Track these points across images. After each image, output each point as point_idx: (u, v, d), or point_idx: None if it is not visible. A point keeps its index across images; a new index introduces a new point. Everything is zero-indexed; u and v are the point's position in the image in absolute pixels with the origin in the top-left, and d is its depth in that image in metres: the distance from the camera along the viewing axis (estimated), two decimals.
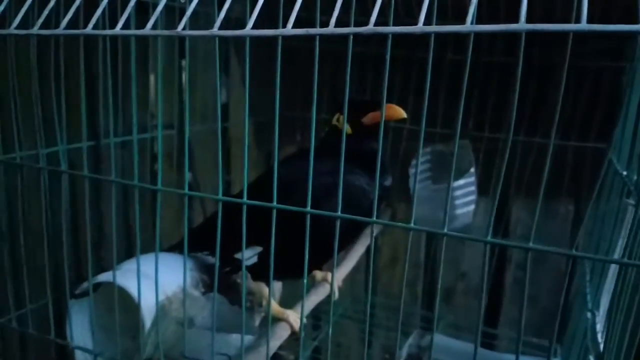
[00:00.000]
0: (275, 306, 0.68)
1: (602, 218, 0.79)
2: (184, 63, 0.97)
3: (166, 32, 0.39)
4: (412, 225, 0.42)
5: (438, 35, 0.35)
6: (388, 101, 0.66)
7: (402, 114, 0.65)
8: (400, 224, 0.44)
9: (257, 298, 0.80)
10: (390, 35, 0.35)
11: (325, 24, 0.37)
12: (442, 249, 1.16)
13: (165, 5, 0.45)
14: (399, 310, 1.19)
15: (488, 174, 0.99)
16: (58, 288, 0.66)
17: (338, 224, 0.45)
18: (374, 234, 0.94)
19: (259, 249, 0.66)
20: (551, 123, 0.96)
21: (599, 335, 0.67)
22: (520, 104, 0.98)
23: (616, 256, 0.66)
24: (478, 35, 0.35)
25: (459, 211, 0.90)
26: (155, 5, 0.43)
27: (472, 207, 0.92)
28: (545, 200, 1.01)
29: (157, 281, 0.54)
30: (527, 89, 0.94)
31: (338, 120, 0.70)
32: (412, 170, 0.96)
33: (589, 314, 0.71)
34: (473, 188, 0.93)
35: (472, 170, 0.91)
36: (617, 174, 0.76)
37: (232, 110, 1.12)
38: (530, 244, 0.38)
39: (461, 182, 0.89)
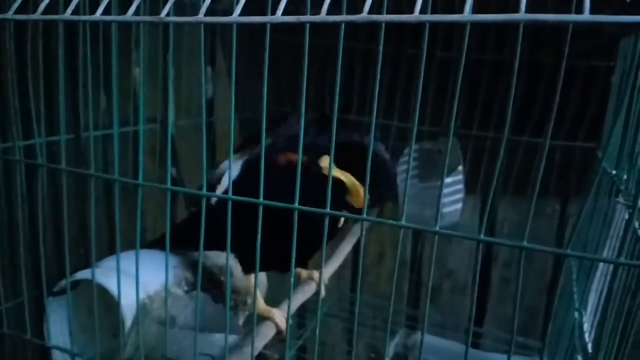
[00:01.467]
0: (261, 304, 0.66)
1: (589, 217, 0.79)
2: (168, 56, 0.95)
3: (148, 18, 0.37)
4: (402, 222, 0.40)
5: (428, 31, 0.34)
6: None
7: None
8: (390, 221, 0.42)
9: (241, 296, 0.79)
10: (383, 25, 0.34)
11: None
12: (429, 247, 1.16)
13: None
14: (384, 308, 1.18)
15: (475, 172, 0.99)
16: (38, 285, 0.63)
17: (327, 220, 0.44)
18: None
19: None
20: (540, 122, 0.96)
21: (587, 335, 0.66)
22: (507, 102, 0.98)
23: (604, 255, 0.66)
24: (469, 31, 0.34)
25: (446, 209, 0.89)
26: None
27: (459, 205, 0.91)
28: (531, 199, 1.02)
29: (138, 279, 0.52)
30: (516, 87, 0.93)
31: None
32: (399, 168, 0.95)
33: (576, 313, 0.70)
34: (461, 186, 0.92)
35: (460, 168, 0.90)
36: (605, 172, 0.76)
37: (218, 105, 1.10)
38: (524, 243, 0.36)
39: (449, 180, 0.88)
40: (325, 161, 0.63)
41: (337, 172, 0.63)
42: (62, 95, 0.52)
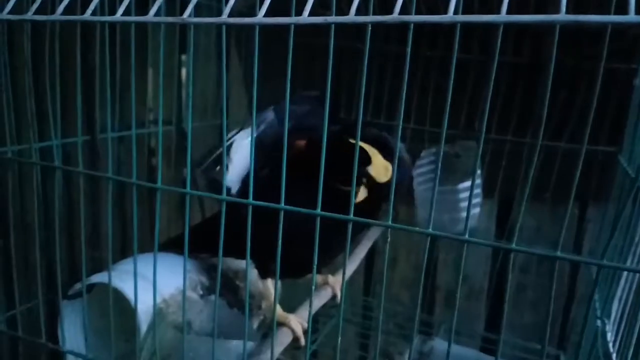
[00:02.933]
0: (278, 310, 0.65)
1: (613, 223, 0.77)
2: (184, 57, 0.94)
3: (170, 19, 0.37)
4: (429, 230, 0.39)
5: (450, 32, 0.32)
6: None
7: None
8: (417, 229, 0.41)
9: (256, 301, 0.78)
10: (411, 26, 0.33)
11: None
12: (445, 252, 1.14)
13: None
14: (398, 313, 1.16)
15: (493, 176, 0.97)
16: (51, 289, 0.63)
17: (350, 226, 0.43)
18: (375, 237, 0.92)
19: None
20: (560, 125, 0.94)
21: (610, 345, 0.65)
22: (527, 105, 0.96)
23: (629, 263, 0.65)
24: (490, 32, 0.33)
25: (464, 214, 0.87)
26: None
27: (477, 209, 0.90)
28: (550, 204, 1.00)
29: (155, 284, 0.52)
30: (535, 90, 0.92)
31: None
32: (416, 172, 0.93)
33: (598, 322, 0.69)
34: (479, 190, 0.90)
35: (478, 172, 0.89)
36: (627, 177, 0.74)
37: (232, 106, 1.09)
38: (558, 253, 0.35)
39: (467, 184, 0.87)
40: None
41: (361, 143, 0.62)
42: (79, 97, 0.51)
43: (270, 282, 0.68)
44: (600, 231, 0.97)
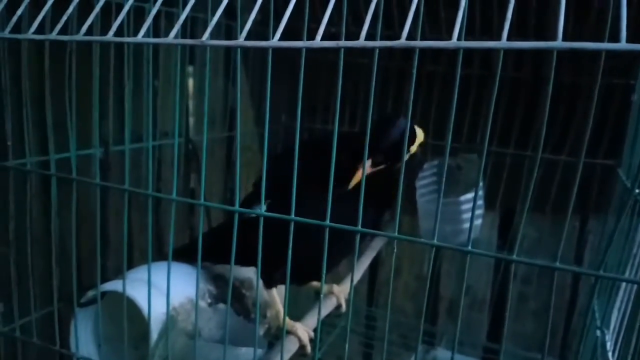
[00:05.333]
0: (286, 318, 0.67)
1: (610, 235, 0.78)
2: (191, 69, 0.96)
3: (190, 41, 0.39)
4: (435, 242, 0.41)
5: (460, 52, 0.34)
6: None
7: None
8: (423, 240, 0.43)
9: (262, 309, 0.79)
10: (417, 50, 0.35)
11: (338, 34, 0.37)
12: (448, 262, 1.15)
13: (164, 11, 0.45)
14: (401, 323, 1.18)
15: (495, 188, 0.99)
16: (61, 297, 0.64)
17: (358, 237, 0.44)
18: (379, 247, 0.94)
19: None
20: (560, 139, 0.95)
21: (610, 355, 0.66)
22: (528, 119, 0.98)
23: (627, 274, 0.66)
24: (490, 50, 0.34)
25: (466, 225, 0.89)
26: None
27: (479, 221, 0.91)
28: (551, 216, 1.02)
29: (169, 293, 0.53)
30: (536, 104, 0.94)
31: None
32: (419, 183, 0.95)
33: (598, 332, 0.70)
34: (481, 202, 0.92)
35: (480, 184, 0.91)
36: (626, 191, 0.76)
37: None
38: (557, 264, 0.37)
39: (469, 196, 0.88)
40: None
41: None
42: (96, 111, 0.53)
43: (275, 292, 0.70)
44: (600, 243, 0.98)
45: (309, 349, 0.64)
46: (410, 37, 0.35)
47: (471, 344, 1.13)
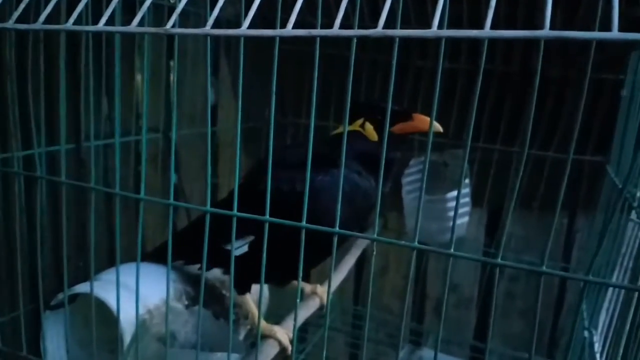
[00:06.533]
0: (262, 323, 0.65)
1: (600, 237, 0.77)
2: (172, 63, 0.93)
3: (153, 30, 0.36)
4: (415, 244, 0.39)
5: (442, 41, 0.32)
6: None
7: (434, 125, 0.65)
8: (403, 242, 0.41)
9: (243, 310, 0.77)
10: (397, 39, 0.32)
11: (325, 26, 0.34)
12: (434, 261, 1.13)
13: (153, 4, 0.42)
14: (387, 322, 1.15)
15: (482, 185, 0.97)
16: (36, 299, 0.62)
17: (335, 239, 0.42)
18: (364, 245, 0.92)
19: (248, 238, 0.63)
20: (548, 135, 0.94)
21: (598, 355, 0.64)
22: (516, 114, 0.96)
23: (615, 277, 0.65)
24: (479, 41, 0.32)
25: (452, 223, 0.87)
26: (142, 4, 0.40)
27: (465, 219, 0.90)
28: (539, 214, 1.01)
29: (138, 294, 0.51)
30: (524, 99, 0.92)
31: (363, 126, 0.68)
32: (405, 180, 0.93)
33: (585, 332, 0.69)
34: (467, 199, 0.90)
35: (467, 181, 0.89)
36: (615, 188, 0.75)
37: (221, 114, 1.08)
38: (544, 268, 0.35)
39: (454, 193, 0.86)
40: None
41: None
42: (63, 105, 0.50)
43: (249, 297, 0.67)
44: (587, 241, 0.97)
45: (289, 350, 0.62)
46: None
47: (458, 343, 1.11)
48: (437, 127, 0.65)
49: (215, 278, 0.76)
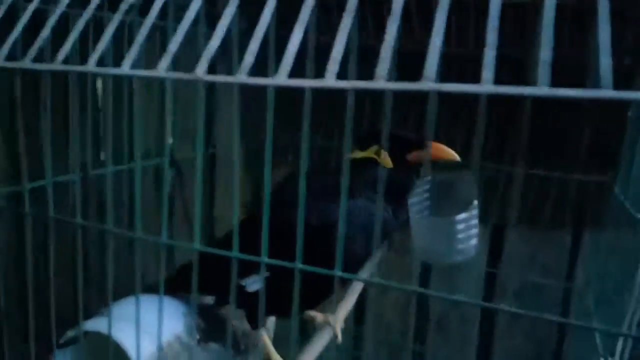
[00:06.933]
0: (276, 357, 0.63)
1: (606, 254, 0.77)
2: None
3: (144, 73, 0.35)
4: (414, 287, 0.38)
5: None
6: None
7: (451, 154, 0.65)
8: (401, 286, 0.40)
9: (252, 339, 0.75)
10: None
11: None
12: (437, 278, 1.11)
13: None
14: (389, 343, 1.14)
15: (486, 202, 0.97)
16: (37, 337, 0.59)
17: (336, 281, 0.41)
18: (371, 270, 0.91)
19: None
20: (553, 154, 0.93)
21: None
22: (518, 135, 0.96)
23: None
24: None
25: (461, 246, 0.86)
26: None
27: (474, 241, 0.88)
28: (543, 231, 1.01)
29: (137, 334, 0.49)
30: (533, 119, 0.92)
31: (377, 153, 0.68)
32: (411, 200, 0.92)
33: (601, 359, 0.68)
34: (475, 221, 0.89)
35: (475, 202, 0.88)
36: (622, 209, 0.75)
37: (219, 133, 1.06)
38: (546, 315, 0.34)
39: (463, 215, 0.85)
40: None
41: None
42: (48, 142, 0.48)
43: (264, 332, 0.66)
44: (592, 258, 0.98)
45: None
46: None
47: None
48: (453, 155, 0.64)
49: (221, 309, 0.74)
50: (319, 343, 0.67)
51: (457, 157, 0.63)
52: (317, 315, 0.74)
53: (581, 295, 0.98)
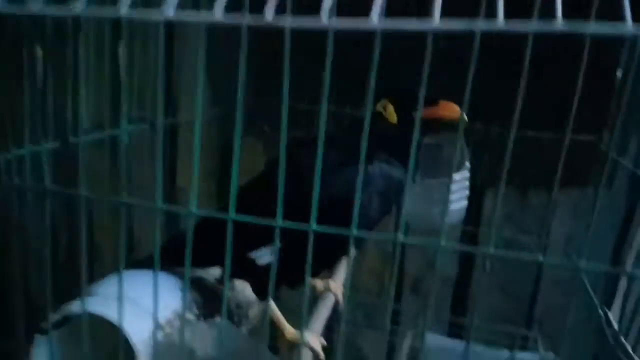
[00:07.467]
0: (290, 330, 0.60)
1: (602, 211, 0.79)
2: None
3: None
4: (401, 237, 0.36)
5: None
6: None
7: (460, 114, 0.62)
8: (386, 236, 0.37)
9: (244, 310, 0.72)
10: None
11: None
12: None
13: None
14: (367, 304, 1.13)
15: (476, 165, 0.96)
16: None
17: (352, 241, 0.38)
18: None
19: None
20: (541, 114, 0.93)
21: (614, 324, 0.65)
22: (511, 95, 0.95)
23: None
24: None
25: (453, 207, 0.85)
26: None
27: (465, 202, 0.88)
28: (520, 191, 1.02)
29: (120, 308, 0.44)
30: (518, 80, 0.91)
31: (384, 107, 0.64)
32: None
33: (600, 311, 0.69)
34: (467, 183, 0.88)
35: (467, 164, 0.87)
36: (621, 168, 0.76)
37: (184, 101, 0.96)
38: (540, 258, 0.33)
39: (456, 177, 0.84)
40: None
41: None
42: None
43: (273, 303, 0.62)
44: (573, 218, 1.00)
45: (323, 357, 0.58)
46: None
47: (436, 319, 1.12)
48: (463, 115, 0.62)
49: (215, 279, 0.70)
50: (324, 309, 0.65)
51: (466, 118, 0.61)
52: (317, 282, 0.71)
53: (557, 252, 1.01)
